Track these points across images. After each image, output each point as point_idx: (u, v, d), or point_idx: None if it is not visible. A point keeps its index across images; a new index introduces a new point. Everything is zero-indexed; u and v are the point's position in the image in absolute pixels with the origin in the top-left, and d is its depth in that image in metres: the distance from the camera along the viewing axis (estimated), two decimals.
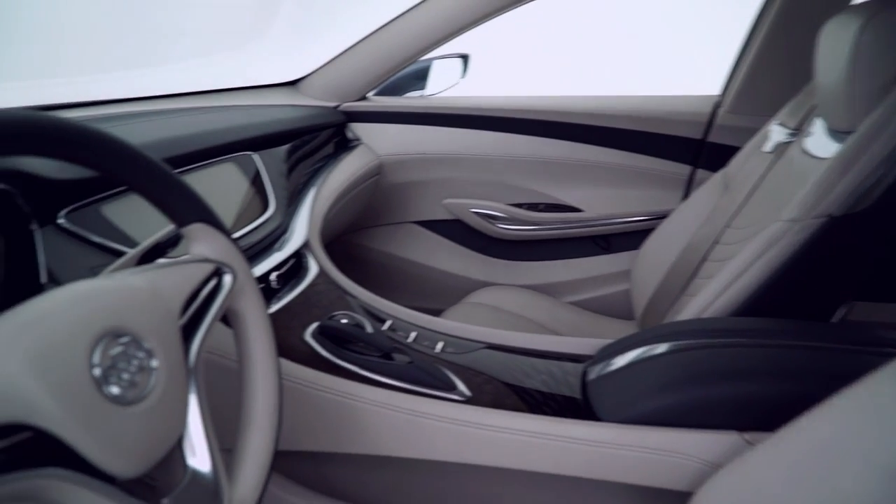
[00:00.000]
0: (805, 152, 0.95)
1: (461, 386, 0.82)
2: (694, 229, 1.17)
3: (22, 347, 0.38)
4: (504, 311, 1.36)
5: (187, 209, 0.55)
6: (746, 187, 1.07)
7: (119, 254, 0.69)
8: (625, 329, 1.37)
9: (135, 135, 0.82)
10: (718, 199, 1.17)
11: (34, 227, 0.61)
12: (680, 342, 0.78)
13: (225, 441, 0.56)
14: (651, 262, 1.26)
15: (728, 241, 1.05)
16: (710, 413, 0.73)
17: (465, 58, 1.74)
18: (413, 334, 0.91)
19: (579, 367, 0.85)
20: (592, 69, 2.64)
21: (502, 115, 1.51)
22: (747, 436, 0.70)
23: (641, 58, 2.71)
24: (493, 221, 1.59)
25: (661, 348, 0.79)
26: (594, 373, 0.82)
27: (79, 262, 0.66)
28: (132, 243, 0.72)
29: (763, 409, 0.71)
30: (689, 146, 1.46)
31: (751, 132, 1.18)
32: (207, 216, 0.56)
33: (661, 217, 1.35)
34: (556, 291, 1.58)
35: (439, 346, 0.90)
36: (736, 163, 1.19)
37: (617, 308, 1.51)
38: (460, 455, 0.78)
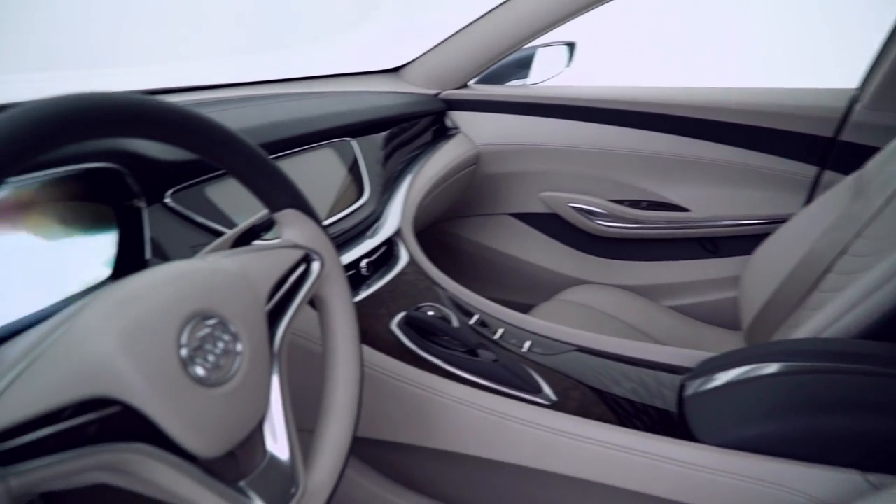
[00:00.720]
0: None
1: (547, 389, 0.79)
2: (817, 237, 1.06)
3: (116, 325, 0.39)
4: (597, 311, 1.31)
5: (280, 194, 0.55)
6: (885, 193, 0.95)
7: (219, 234, 0.72)
8: (729, 340, 1.28)
9: (237, 120, 0.85)
10: (849, 205, 1.05)
11: (142, 205, 0.64)
12: (794, 363, 0.70)
13: (305, 422, 0.56)
14: (764, 270, 1.16)
15: (858, 253, 0.94)
16: (826, 447, 0.65)
17: (571, 46, 1.68)
18: (500, 331, 0.89)
19: (676, 379, 0.80)
20: (714, 61, 2.45)
21: (607, 107, 1.44)
22: (872, 477, 0.62)
23: (767, 47, 2.49)
24: (592, 217, 1.52)
25: (772, 368, 0.71)
26: (693, 388, 0.76)
27: (182, 240, 0.69)
28: (232, 224, 0.74)
29: (894, 450, 0.62)
30: (816, 144, 1.33)
31: (893, 131, 1.05)
32: (299, 202, 0.57)
33: (779, 221, 1.24)
34: (654, 294, 1.50)
35: (527, 345, 0.87)
36: (874, 165, 1.06)
37: (721, 317, 1.41)
38: (540, 462, 0.75)
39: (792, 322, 0.99)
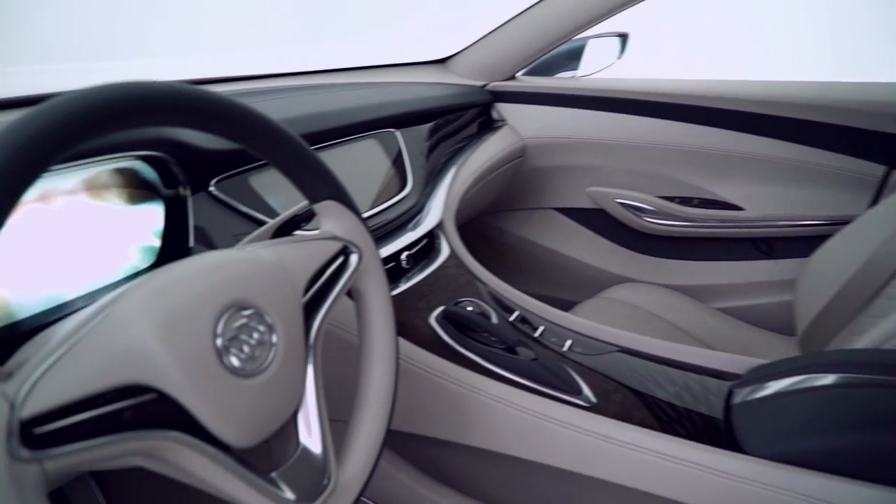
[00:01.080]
0: None
1: (587, 391, 0.77)
2: (882, 240, 1.00)
3: (153, 313, 0.39)
4: (642, 311, 1.27)
5: (320, 186, 0.55)
6: None
7: (262, 223, 0.72)
8: (781, 346, 1.22)
9: (280, 110, 0.85)
10: None
11: (187, 193, 0.65)
12: (854, 375, 0.66)
13: (341, 412, 0.56)
14: (823, 274, 1.10)
15: None
16: (883, 465, 0.61)
17: (623, 37, 1.63)
18: (541, 328, 0.87)
19: (724, 385, 0.76)
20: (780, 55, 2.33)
21: (659, 100, 1.39)
22: None
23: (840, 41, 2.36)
24: (640, 214, 1.48)
25: (828, 379, 0.67)
26: (741, 395, 0.73)
27: (225, 228, 0.69)
28: (274, 214, 0.75)
29: None
30: (885, 142, 1.25)
31: None
32: (339, 194, 0.56)
33: (840, 223, 1.17)
34: (703, 295, 1.45)
35: (567, 343, 0.85)
36: None
37: (774, 321, 1.35)
38: (578, 465, 0.73)
39: (852, 330, 0.93)
